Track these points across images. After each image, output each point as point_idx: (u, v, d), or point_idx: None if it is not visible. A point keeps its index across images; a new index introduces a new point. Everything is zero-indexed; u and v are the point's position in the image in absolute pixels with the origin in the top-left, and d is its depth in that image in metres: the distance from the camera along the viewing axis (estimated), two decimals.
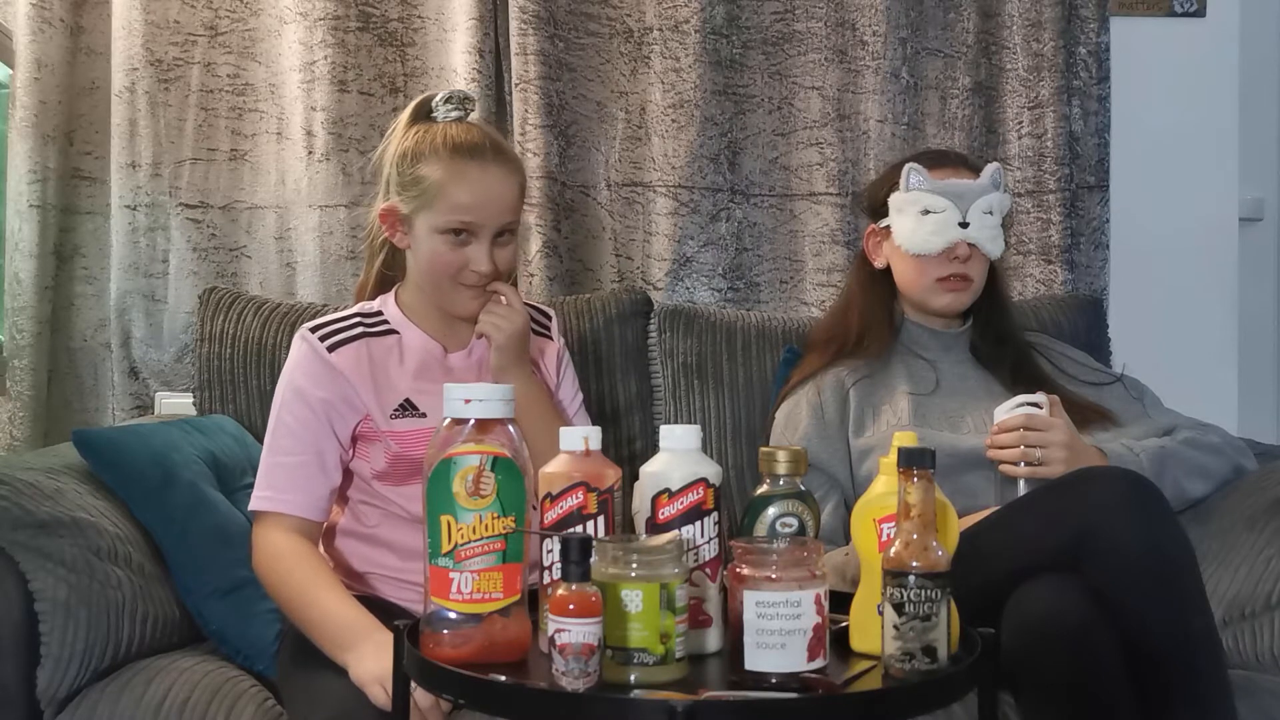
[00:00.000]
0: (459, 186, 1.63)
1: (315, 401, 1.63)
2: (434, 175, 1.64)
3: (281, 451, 1.63)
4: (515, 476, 1.17)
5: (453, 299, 1.69)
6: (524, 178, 1.73)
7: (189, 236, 2.45)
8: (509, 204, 1.67)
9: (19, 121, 2.36)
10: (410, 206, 1.66)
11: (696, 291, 2.53)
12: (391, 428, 1.63)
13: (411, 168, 1.65)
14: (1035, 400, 1.77)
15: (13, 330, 2.38)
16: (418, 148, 1.66)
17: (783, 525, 1.25)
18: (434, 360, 1.71)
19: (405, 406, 1.65)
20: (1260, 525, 1.74)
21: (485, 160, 1.65)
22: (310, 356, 1.65)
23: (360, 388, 1.64)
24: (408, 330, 1.71)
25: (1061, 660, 1.38)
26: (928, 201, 1.91)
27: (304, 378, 1.65)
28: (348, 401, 1.64)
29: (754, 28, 2.55)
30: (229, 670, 1.62)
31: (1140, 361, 2.14)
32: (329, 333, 1.67)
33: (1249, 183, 2.81)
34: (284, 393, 1.66)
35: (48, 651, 1.52)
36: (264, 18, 2.48)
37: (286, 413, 1.64)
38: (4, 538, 1.53)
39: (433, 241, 1.65)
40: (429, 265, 1.67)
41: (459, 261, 1.66)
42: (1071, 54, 2.58)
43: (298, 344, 1.68)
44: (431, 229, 1.65)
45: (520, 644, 1.19)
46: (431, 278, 1.68)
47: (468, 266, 1.66)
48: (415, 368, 1.69)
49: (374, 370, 1.66)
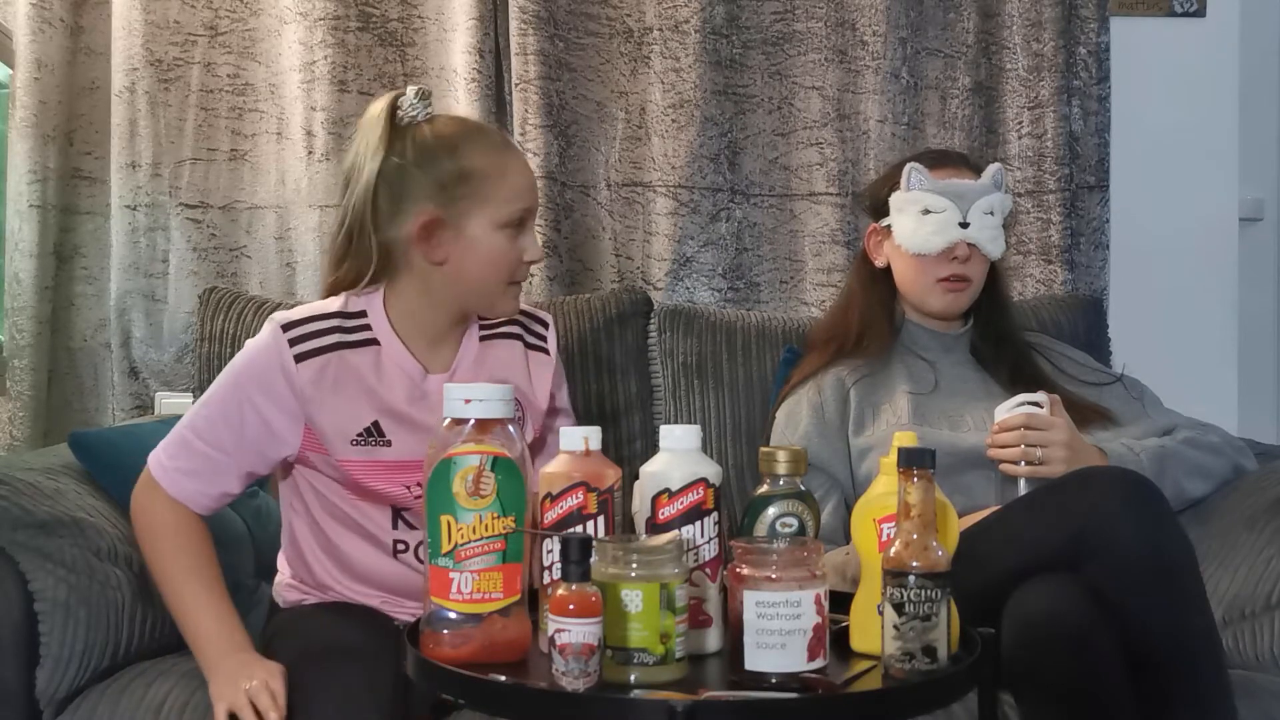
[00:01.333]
0: (512, 173, 1.55)
1: (253, 413, 1.52)
2: (479, 166, 1.52)
3: (199, 434, 1.54)
4: (515, 476, 1.17)
5: (501, 299, 1.59)
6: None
7: (189, 236, 2.45)
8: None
9: (19, 121, 2.36)
10: (456, 209, 1.52)
11: (696, 291, 2.53)
12: (348, 455, 1.52)
13: (449, 164, 1.52)
14: (1036, 400, 1.77)
15: (13, 330, 2.38)
16: (437, 147, 1.53)
17: (783, 525, 1.25)
18: (411, 383, 1.56)
19: (371, 432, 1.53)
20: (1260, 525, 1.74)
21: (511, 145, 1.63)
22: (271, 362, 1.52)
23: (316, 410, 1.52)
24: (390, 344, 1.57)
25: (1061, 660, 1.37)
26: (928, 201, 1.91)
27: (255, 381, 1.53)
28: (288, 429, 1.53)
29: (754, 28, 2.55)
30: None
31: (1140, 361, 2.14)
32: (300, 336, 1.53)
33: (1249, 183, 2.81)
34: (232, 376, 1.54)
35: (47, 652, 1.52)
36: (264, 18, 2.48)
37: (222, 400, 1.54)
38: (4, 538, 1.52)
39: (494, 239, 1.53)
40: (489, 267, 1.54)
41: (516, 255, 1.55)
42: (1071, 54, 2.58)
43: (266, 337, 1.54)
44: (493, 225, 1.53)
45: (520, 644, 1.19)
46: (483, 280, 1.55)
47: (522, 259, 1.57)
48: (390, 388, 1.55)
49: (339, 390, 1.53)
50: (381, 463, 1.52)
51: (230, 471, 1.54)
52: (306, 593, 1.63)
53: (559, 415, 1.72)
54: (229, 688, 1.39)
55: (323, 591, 1.61)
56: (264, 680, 1.38)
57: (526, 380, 1.65)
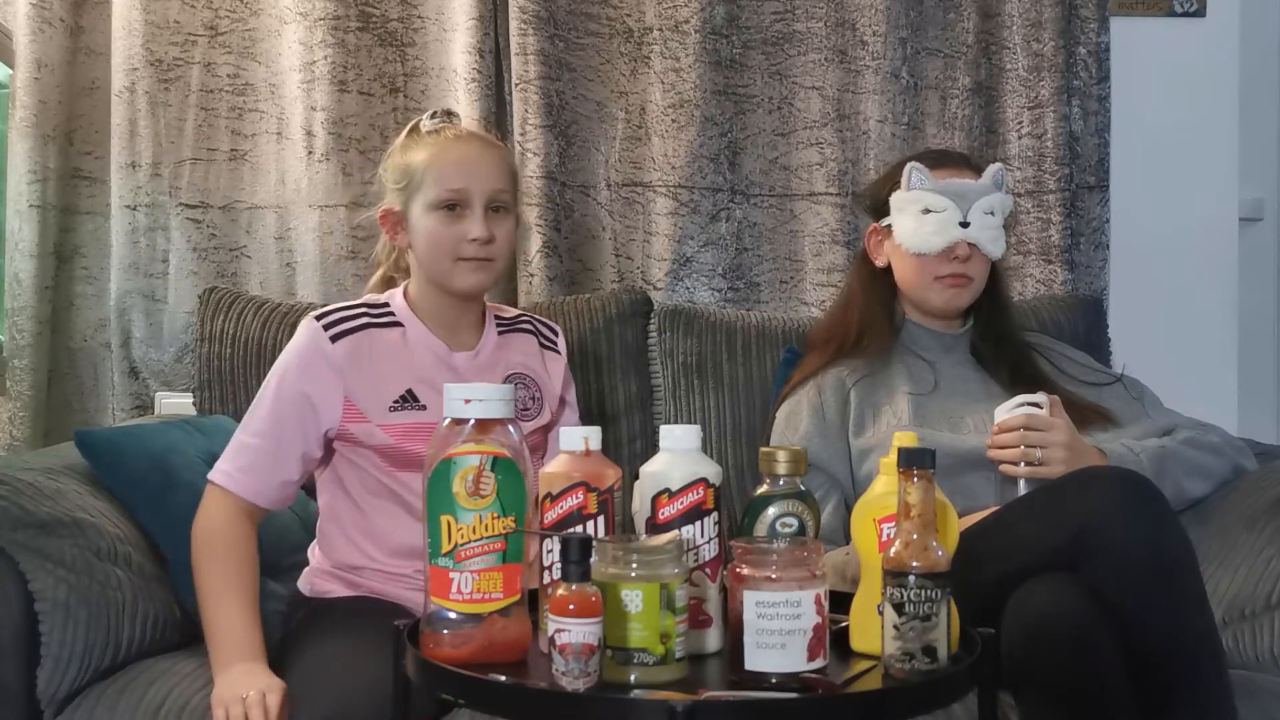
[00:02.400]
0: (444, 161, 1.68)
1: (296, 395, 1.64)
2: (419, 159, 1.69)
3: (251, 432, 1.65)
4: (515, 476, 1.17)
5: (453, 275, 1.69)
6: (512, 162, 1.79)
7: (189, 236, 2.45)
8: (495, 173, 1.70)
9: (19, 121, 2.36)
10: (403, 198, 1.70)
11: (696, 291, 2.53)
12: (387, 420, 1.64)
13: (400, 164, 1.72)
14: (1036, 400, 1.77)
15: (13, 330, 2.38)
16: (404, 148, 1.73)
17: (783, 525, 1.25)
18: (438, 358, 1.71)
19: (406, 398, 1.66)
20: (1260, 525, 1.74)
21: (467, 139, 1.73)
22: (309, 346, 1.66)
23: (355, 381, 1.64)
24: (413, 325, 1.72)
25: (1061, 660, 1.37)
26: (929, 200, 1.91)
27: (295, 367, 1.66)
28: (329, 401, 1.64)
29: (754, 28, 2.55)
30: None
31: (1140, 361, 2.14)
32: (333, 321, 1.68)
33: (1249, 183, 2.81)
34: (274, 375, 1.67)
35: (48, 652, 1.52)
36: (264, 18, 2.48)
37: (269, 396, 1.65)
38: (4, 538, 1.52)
39: (428, 221, 1.68)
40: (428, 245, 1.69)
41: (455, 235, 1.68)
42: (1071, 54, 2.58)
43: (301, 330, 1.69)
44: (425, 207, 1.68)
45: (520, 644, 1.19)
46: (431, 259, 1.69)
47: (464, 238, 1.67)
48: (418, 362, 1.69)
49: (374, 362, 1.67)
50: (419, 424, 1.63)
51: (286, 458, 1.64)
52: (336, 580, 1.68)
53: (566, 408, 1.87)
54: (229, 693, 1.44)
55: (355, 576, 1.67)
56: (261, 693, 1.42)
57: (542, 368, 1.81)
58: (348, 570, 1.68)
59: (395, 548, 1.65)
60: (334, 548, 1.70)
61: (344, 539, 1.69)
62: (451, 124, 1.76)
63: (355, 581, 1.67)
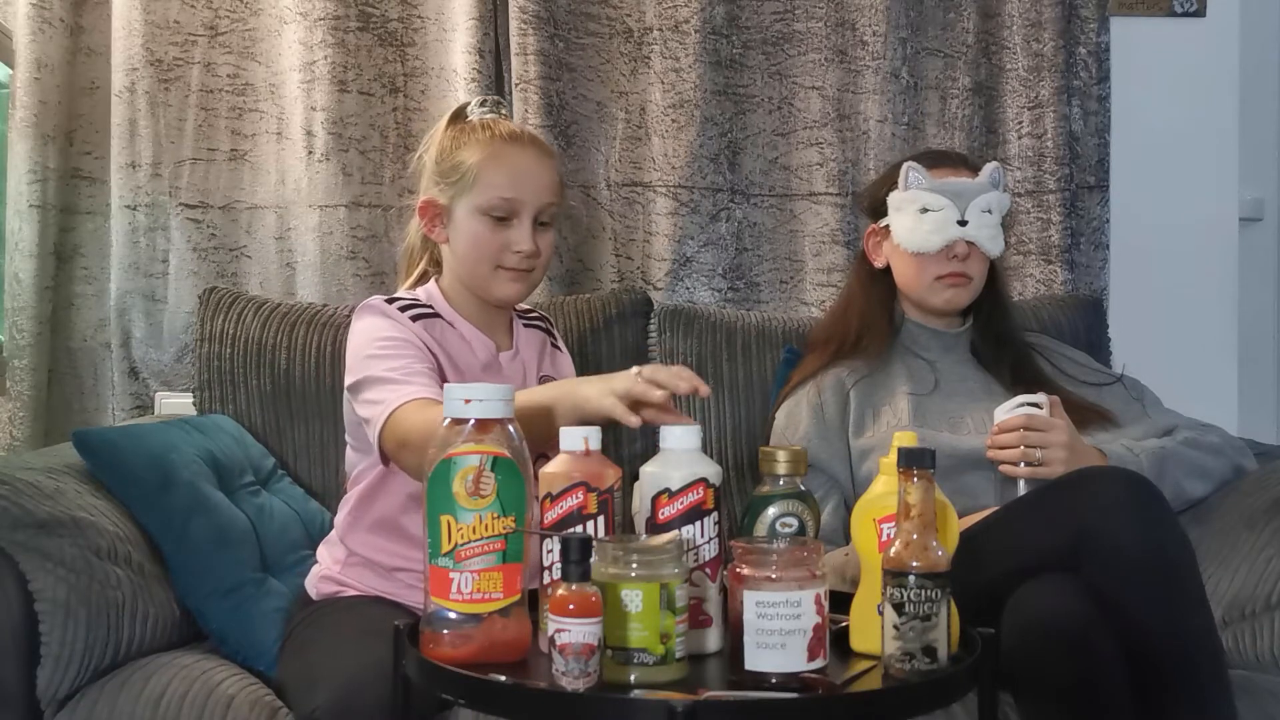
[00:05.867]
0: (499, 166, 1.66)
1: (406, 333, 1.61)
2: (472, 159, 1.66)
3: (383, 369, 1.56)
4: (515, 476, 1.17)
5: (491, 283, 1.68)
6: (560, 172, 1.77)
7: (189, 236, 2.45)
8: (547, 184, 1.69)
9: (19, 121, 2.36)
10: (450, 194, 1.68)
11: (696, 291, 2.53)
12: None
13: (450, 157, 1.68)
14: (1036, 400, 1.78)
15: (13, 330, 2.38)
16: (456, 140, 1.70)
17: (783, 525, 1.25)
18: (491, 356, 1.71)
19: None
20: (1260, 525, 1.74)
21: (523, 143, 1.70)
22: (387, 320, 1.63)
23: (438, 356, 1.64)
24: (460, 322, 1.71)
25: (1061, 660, 1.38)
26: (926, 200, 1.91)
27: (386, 328, 1.62)
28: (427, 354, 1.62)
29: (754, 28, 2.55)
30: (229, 668, 1.61)
31: (1140, 361, 2.14)
32: (402, 306, 1.67)
33: (1249, 183, 2.81)
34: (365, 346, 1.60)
35: (48, 651, 1.52)
36: (264, 18, 2.48)
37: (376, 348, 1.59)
38: (4, 538, 1.52)
39: (473, 224, 1.66)
40: (470, 249, 1.67)
41: (500, 243, 1.66)
42: (1071, 54, 2.58)
43: (370, 310, 1.66)
44: (473, 210, 1.66)
45: (520, 644, 1.19)
46: (471, 263, 1.68)
47: (509, 248, 1.66)
48: (476, 360, 1.69)
49: (444, 350, 1.66)
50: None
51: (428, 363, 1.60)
52: (354, 575, 1.66)
53: None
54: (595, 390, 1.39)
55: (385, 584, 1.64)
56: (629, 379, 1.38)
57: (552, 366, 1.83)
58: (377, 577, 1.64)
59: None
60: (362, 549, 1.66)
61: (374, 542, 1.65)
62: (501, 116, 1.74)
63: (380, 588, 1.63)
